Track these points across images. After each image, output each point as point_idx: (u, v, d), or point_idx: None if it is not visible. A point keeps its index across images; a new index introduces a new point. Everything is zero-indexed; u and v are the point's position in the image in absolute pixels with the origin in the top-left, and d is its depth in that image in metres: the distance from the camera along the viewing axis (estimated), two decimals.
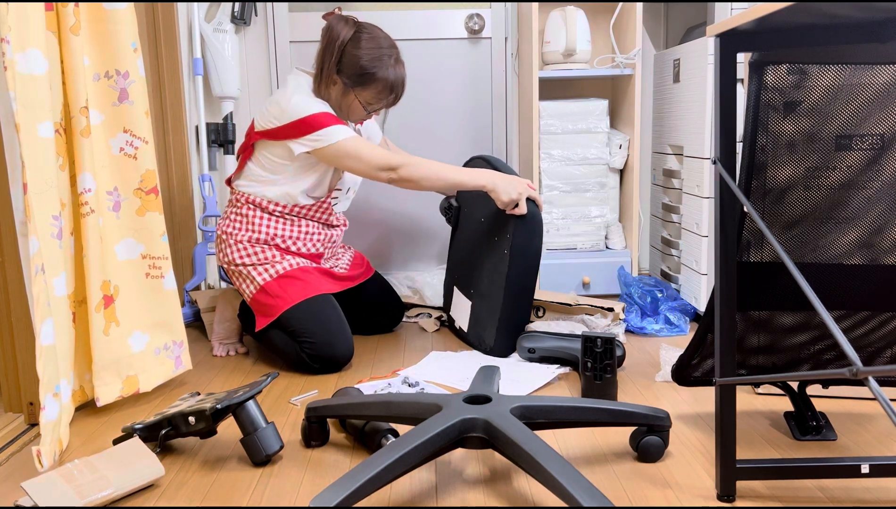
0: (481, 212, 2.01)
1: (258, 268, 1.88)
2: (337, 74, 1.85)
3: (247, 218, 1.91)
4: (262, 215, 1.91)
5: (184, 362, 1.74)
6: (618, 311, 2.08)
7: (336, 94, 1.88)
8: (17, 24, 1.32)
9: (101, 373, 1.56)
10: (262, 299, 1.86)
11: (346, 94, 1.87)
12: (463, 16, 2.58)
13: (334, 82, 1.86)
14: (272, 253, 1.90)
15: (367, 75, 1.83)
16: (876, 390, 0.80)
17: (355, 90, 1.85)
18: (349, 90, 1.86)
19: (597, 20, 2.53)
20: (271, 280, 1.86)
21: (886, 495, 1.17)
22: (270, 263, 1.89)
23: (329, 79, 1.85)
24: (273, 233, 1.91)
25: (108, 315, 1.57)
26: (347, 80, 1.84)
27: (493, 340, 1.90)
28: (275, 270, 1.88)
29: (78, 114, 1.49)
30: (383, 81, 1.84)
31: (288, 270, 1.88)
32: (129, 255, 1.64)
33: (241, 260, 1.90)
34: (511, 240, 1.87)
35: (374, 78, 1.83)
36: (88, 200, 1.51)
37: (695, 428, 1.44)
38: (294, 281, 1.86)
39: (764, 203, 1.16)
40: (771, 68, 1.11)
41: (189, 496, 1.23)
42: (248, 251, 1.90)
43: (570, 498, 1.00)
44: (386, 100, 1.89)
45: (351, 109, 1.90)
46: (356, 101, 1.87)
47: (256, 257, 1.89)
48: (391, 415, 1.30)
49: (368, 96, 1.87)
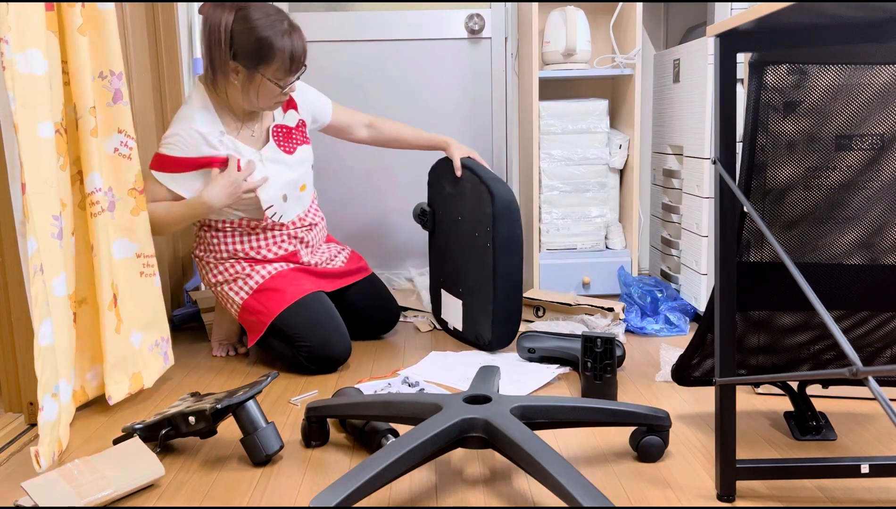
0: (456, 212, 2.02)
1: (233, 285, 1.86)
2: (233, 60, 1.70)
3: (204, 240, 1.89)
4: (216, 234, 1.87)
5: (169, 357, 1.77)
6: (618, 311, 2.08)
7: (241, 81, 1.73)
8: (17, 23, 1.32)
9: (112, 372, 1.57)
10: (246, 317, 1.85)
11: (252, 77, 1.71)
12: (463, 16, 2.58)
13: (235, 70, 1.71)
14: (241, 265, 1.86)
15: (266, 47, 1.67)
16: (876, 390, 0.80)
17: (260, 69, 1.70)
18: (254, 72, 1.71)
19: (597, 20, 2.53)
20: (248, 297, 1.84)
21: (886, 495, 1.17)
22: (243, 278, 1.85)
23: (226, 68, 1.71)
24: (234, 249, 1.87)
25: (117, 314, 1.58)
26: (247, 61, 1.69)
27: (490, 333, 1.90)
28: (249, 287, 1.84)
29: (87, 114, 1.49)
30: (281, 50, 1.68)
31: (261, 283, 1.84)
32: (124, 254, 1.65)
33: (216, 278, 1.88)
34: (492, 232, 1.87)
35: (273, 48, 1.68)
36: (99, 200, 1.52)
37: (695, 428, 1.44)
38: (271, 293, 1.83)
39: (764, 203, 1.16)
40: (771, 68, 1.11)
41: (189, 496, 1.23)
42: (218, 269, 1.88)
43: (570, 498, 1.00)
44: (294, 70, 1.73)
45: (261, 95, 1.74)
46: (265, 82, 1.72)
47: (228, 273, 1.86)
48: (391, 415, 1.30)
49: (276, 72, 1.71)
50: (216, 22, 1.68)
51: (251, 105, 1.78)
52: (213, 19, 1.69)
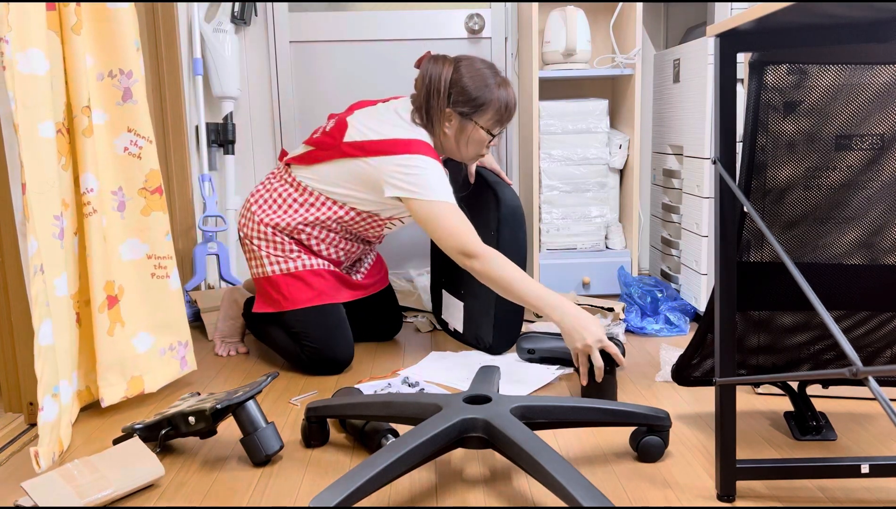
0: (474, 222, 2.01)
1: (272, 256, 1.81)
2: (450, 108, 1.76)
3: (284, 201, 1.82)
4: (302, 205, 1.81)
5: (189, 362, 1.73)
6: (618, 311, 2.08)
7: (454, 129, 1.79)
8: (18, 23, 1.32)
9: (105, 374, 1.56)
10: (268, 288, 1.82)
11: (465, 126, 1.78)
12: (463, 16, 2.58)
13: (449, 118, 1.77)
14: (291, 247, 1.82)
15: (482, 98, 1.75)
16: (876, 390, 0.80)
17: (474, 117, 1.77)
18: (468, 120, 1.77)
19: (597, 20, 2.53)
20: (280, 274, 1.81)
21: (886, 495, 1.17)
22: (285, 257, 1.81)
23: (441, 115, 1.77)
24: (301, 228, 1.82)
25: (112, 315, 1.56)
26: (464, 108, 1.76)
27: (492, 338, 1.90)
28: (286, 266, 1.81)
29: (80, 113, 1.49)
30: (496, 101, 1.76)
31: (300, 270, 1.81)
32: (133, 255, 1.63)
33: (259, 238, 1.82)
34: (496, 236, 1.87)
35: (489, 99, 1.76)
36: (91, 200, 1.51)
37: (695, 428, 1.44)
38: (302, 284, 1.81)
39: (764, 203, 1.16)
40: (771, 68, 1.11)
41: (189, 496, 1.23)
42: (266, 235, 1.81)
43: (570, 498, 1.00)
44: (504, 120, 1.81)
45: (470, 142, 1.80)
46: (476, 130, 1.78)
47: (273, 246, 1.82)
48: (391, 415, 1.30)
49: (488, 121, 1.78)
50: (437, 74, 1.76)
51: (459, 153, 1.84)
52: (432, 71, 1.77)
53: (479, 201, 1.94)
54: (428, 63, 1.79)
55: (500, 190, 1.89)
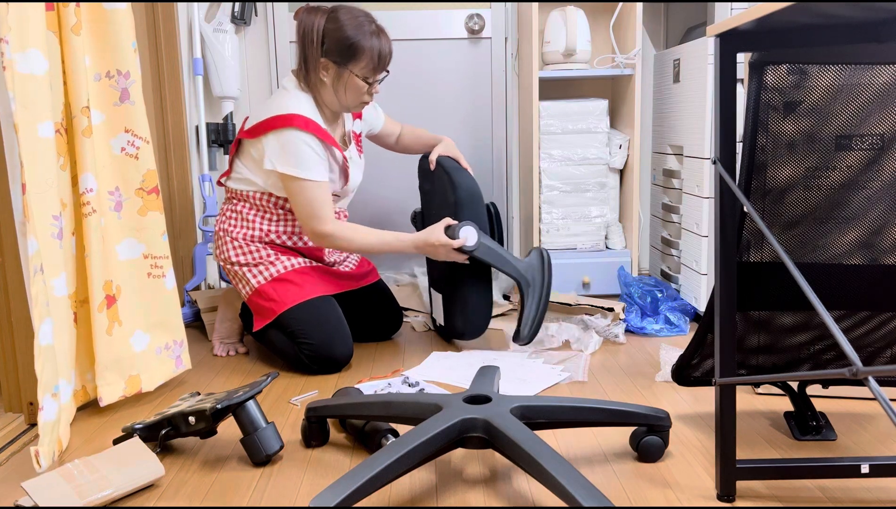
0: (432, 208, 2.04)
1: (252, 269, 1.87)
2: (324, 57, 1.80)
3: (241, 214, 1.90)
4: (256, 211, 1.89)
5: (184, 361, 1.74)
6: (618, 311, 2.08)
7: (331, 78, 1.82)
8: (17, 23, 1.32)
9: (103, 373, 1.56)
10: (258, 300, 1.86)
11: (341, 74, 1.81)
12: (463, 16, 2.58)
13: (325, 67, 1.81)
14: (267, 252, 1.88)
15: (354, 45, 1.77)
16: (876, 390, 0.80)
17: (349, 65, 1.79)
18: (343, 68, 1.80)
19: (597, 20, 2.53)
20: (266, 283, 1.85)
21: (886, 495, 1.17)
22: (265, 264, 1.87)
23: (317, 64, 1.80)
24: (267, 229, 1.89)
25: (110, 315, 1.57)
26: (337, 57, 1.79)
27: (461, 323, 1.93)
28: (269, 273, 1.86)
29: (79, 113, 1.49)
30: (369, 49, 1.78)
31: (283, 273, 1.86)
32: (130, 255, 1.64)
33: (237, 258, 1.88)
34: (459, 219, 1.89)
35: (361, 46, 1.78)
36: (90, 200, 1.51)
37: (695, 428, 1.44)
38: (289, 284, 1.84)
39: (764, 203, 1.16)
40: (771, 68, 1.11)
41: (189, 496, 1.23)
42: (243, 249, 1.88)
43: (570, 498, 1.00)
44: (378, 68, 1.82)
45: (349, 91, 1.83)
46: (352, 78, 1.80)
47: (251, 256, 1.87)
48: (391, 415, 1.30)
49: (363, 68, 1.80)
50: (310, 24, 1.80)
51: (339, 102, 1.86)
52: (306, 22, 1.80)
53: (441, 190, 1.95)
54: (303, 14, 1.82)
55: (456, 175, 1.91)
